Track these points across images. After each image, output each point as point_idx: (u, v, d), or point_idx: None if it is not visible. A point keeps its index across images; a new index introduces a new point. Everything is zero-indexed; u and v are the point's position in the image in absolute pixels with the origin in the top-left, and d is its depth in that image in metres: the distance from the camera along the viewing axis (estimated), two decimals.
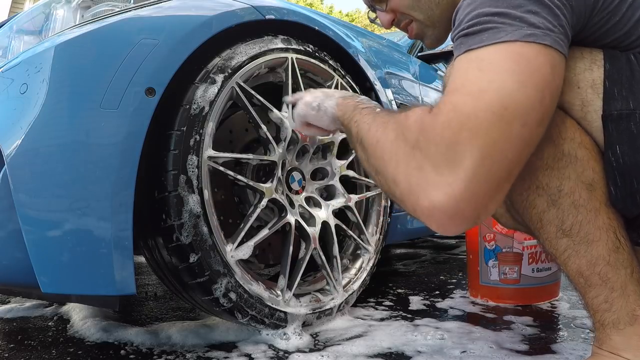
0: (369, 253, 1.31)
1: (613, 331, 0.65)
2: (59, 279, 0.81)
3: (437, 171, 0.54)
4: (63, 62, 0.85)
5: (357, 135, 0.70)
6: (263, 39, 1.10)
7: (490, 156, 0.53)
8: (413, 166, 0.57)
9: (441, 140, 0.54)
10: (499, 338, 1.01)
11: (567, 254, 0.66)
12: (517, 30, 0.55)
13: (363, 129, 0.68)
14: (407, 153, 0.58)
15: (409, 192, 0.58)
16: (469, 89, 0.56)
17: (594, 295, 0.65)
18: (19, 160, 0.81)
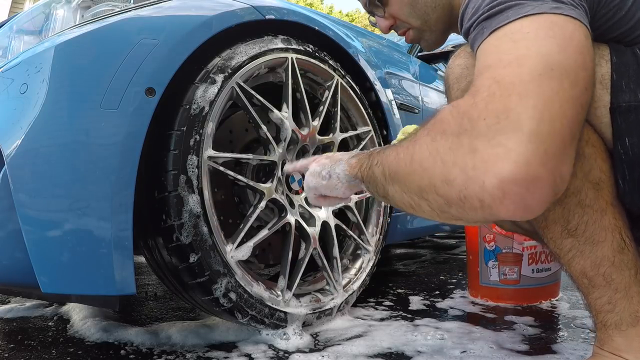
0: (369, 253, 1.31)
1: (615, 332, 0.64)
2: (59, 279, 0.81)
3: (494, 143, 0.48)
4: (63, 62, 0.84)
5: (384, 172, 0.63)
6: (263, 39, 1.10)
7: (549, 111, 0.48)
8: (464, 152, 0.50)
9: (490, 113, 0.49)
10: (499, 338, 1.01)
11: (571, 254, 0.65)
12: (543, 4, 0.54)
13: (390, 162, 0.62)
14: (452, 144, 0.52)
15: (469, 183, 0.50)
16: (506, 59, 0.52)
17: (597, 296, 0.65)
18: (19, 160, 0.81)
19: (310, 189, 0.81)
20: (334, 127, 1.26)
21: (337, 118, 1.26)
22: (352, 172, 0.72)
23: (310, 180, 0.79)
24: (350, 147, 1.34)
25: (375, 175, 0.65)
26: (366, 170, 0.68)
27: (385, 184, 0.63)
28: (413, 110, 1.71)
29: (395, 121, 1.48)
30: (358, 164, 0.71)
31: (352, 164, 0.72)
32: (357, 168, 0.71)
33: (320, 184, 0.77)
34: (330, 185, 0.76)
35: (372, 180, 0.66)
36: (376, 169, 0.65)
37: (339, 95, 1.27)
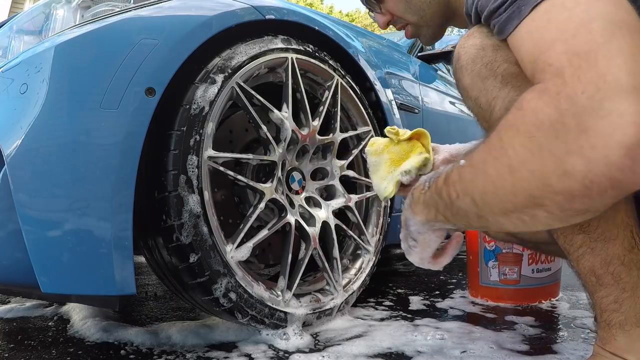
0: (369, 253, 1.31)
1: (619, 332, 0.64)
2: (59, 279, 0.81)
3: (604, 113, 0.44)
4: (63, 62, 0.84)
5: (475, 201, 0.55)
6: (263, 39, 1.10)
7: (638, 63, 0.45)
8: (574, 135, 0.45)
9: (587, 85, 0.45)
10: (499, 338, 1.01)
11: (581, 250, 0.64)
12: None
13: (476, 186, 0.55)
14: (557, 133, 0.47)
15: (592, 166, 0.45)
16: (571, 29, 0.49)
17: (603, 295, 0.64)
18: (19, 160, 0.81)
19: (420, 264, 0.73)
20: (334, 127, 1.26)
21: (337, 118, 1.26)
22: (429, 218, 0.65)
23: (413, 259, 0.73)
24: (350, 147, 1.34)
25: (463, 208, 0.58)
26: (447, 210, 0.61)
27: (479, 212, 0.56)
28: (413, 110, 1.71)
29: (395, 121, 1.48)
30: (428, 208, 0.64)
31: (419, 211, 0.65)
32: (431, 212, 0.63)
33: (416, 253, 0.71)
34: (424, 246, 0.69)
35: (458, 216, 0.60)
36: (461, 202, 0.58)
37: (339, 95, 1.27)
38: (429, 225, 0.66)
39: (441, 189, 0.61)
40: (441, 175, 0.62)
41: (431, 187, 0.63)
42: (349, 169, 1.32)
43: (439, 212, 0.62)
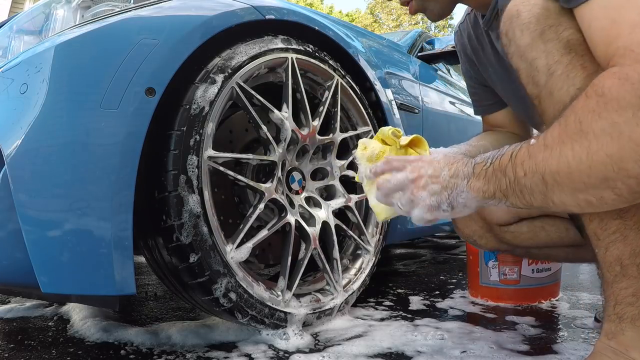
0: (369, 253, 1.31)
1: (629, 326, 0.63)
2: (59, 279, 0.81)
3: None
4: (63, 62, 0.84)
5: (545, 180, 0.56)
6: (263, 39, 1.10)
7: None
8: None
9: None
10: (499, 338, 1.01)
11: (614, 237, 0.63)
12: None
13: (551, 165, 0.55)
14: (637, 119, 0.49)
15: None
16: None
17: (624, 286, 0.63)
18: (19, 160, 0.81)
19: (421, 220, 0.70)
20: (334, 127, 1.26)
21: (337, 118, 1.26)
22: (486, 195, 0.63)
23: (425, 215, 0.68)
24: (350, 147, 1.34)
25: (528, 187, 0.58)
26: (509, 188, 0.60)
27: (546, 192, 0.57)
28: (413, 110, 1.71)
29: (395, 121, 1.48)
30: (488, 185, 0.62)
31: (478, 187, 0.63)
32: (490, 190, 0.62)
33: (440, 215, 0.68)
34: (454, 214, 0.68)
35: (520, 195, 0.60)
36: (527, 180, 0.58)
37: (339, 95, 1.27)
38: (481, 202, 0.65)
39: (506, 166, 0.60)
40: (505, 153, 0.61)
41: (494, 164, 0.62)
42: (349, 169, 1.32)
43: (499, 190, 0.61)
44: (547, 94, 0.63)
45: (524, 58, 0.66)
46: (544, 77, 0.63)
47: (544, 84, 0.63)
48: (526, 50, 0.65)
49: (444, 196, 0.66)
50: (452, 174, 0.66)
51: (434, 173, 0.67)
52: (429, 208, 0.67)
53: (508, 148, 0.62)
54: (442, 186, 0.66)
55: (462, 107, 2.34)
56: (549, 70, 0.62)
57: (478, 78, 1.10)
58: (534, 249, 1.03)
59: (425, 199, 0.67)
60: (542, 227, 0.97)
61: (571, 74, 0.60)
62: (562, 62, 0.61)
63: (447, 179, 0.66)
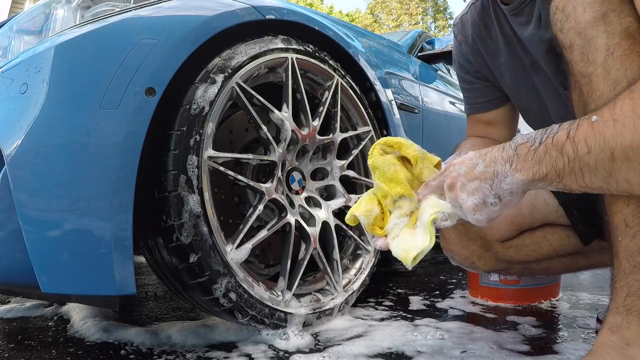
0: (369, 253, 1.31)
1: (636, 320, 0.63)
2: (59, 279, 0.81)
3: None
4: (63, 62, 0.84)
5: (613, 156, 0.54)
6: (263, 39, 1.10)
7: None
8: None
9: None
10: (499, 338, 1.01)
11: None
12: None
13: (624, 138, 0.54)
14: None
15: None
16: None
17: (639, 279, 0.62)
18: (19, 160, 0.81)
19: (480, 221, 0.66)
20: (334, 127, 1.26)
21: (337, 118, 1.26)
22: (536, 177, 0.60)
23: (478, 216, 0.65)
24: (350, 147, 1.34)
25: (592, 164, 0.56)
26: (567, 167, 0.58)
27: (613, 169, 0.55)
28: (413, 110, 1.71)
29: (395, 121, 1.48)
30: (538, 164, 0.60)
31: (526, 168, 0.61)
32: (542, 170, 0.60)
33: (491, 211, 0.64)
34: (504, 205, 0.64)
35: (581, 173, 0.57)
36: (592, 157, 0.56)
37: (339, 96, 1.27)
38: (529, 185, 0.62)
39: (564, 144, 0.58)
40: (560, 131, 0.59)
41: (545, 142, 0.59)
42: (349, 169, 1.32)
43: (554, 169, 0.59)
44: (604, 72, 0.62)
45: (582, 34, 0.64)
46: (601, 56, 0.62)
47: (602, 62, 0.62)
48: (587, 27, 0.64)
49: (486, 189, 0.63)
50: (488, 163, 0.64)
51: (468, 170, 0.65)
52: (474, 208, 0.64)
53: (557, 127, 0.60)
54: (480, 180, 0.64)
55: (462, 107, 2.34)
56: (609, 50, 0.61)
57: (481, 70, 1.08)
58: (534, 264, 1.02)
59: (467, 200, 0.64)
60: (544, 237, 0.96)
61: (630, 58, 0.60)
62: (622, 45, 0.61)
63: (483, 170, 0.64)
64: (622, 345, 0.63)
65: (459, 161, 0.68)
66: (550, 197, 0.93)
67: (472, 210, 0.65)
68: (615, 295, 0.65)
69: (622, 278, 0.64)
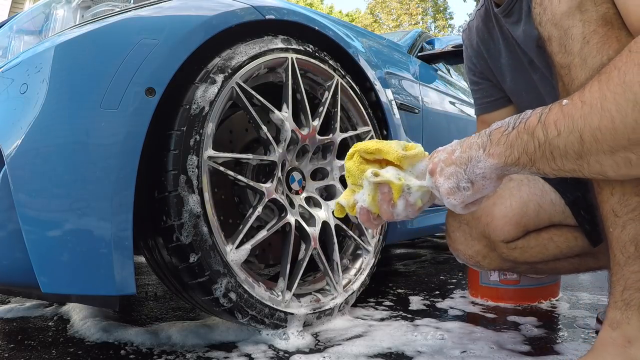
0: (369, 253, 1.31)
1: (635, 314, 0.62)
2: (59, 279, 0.81)
3: None
4: (63, 62, 0.84)
5: (582, 139, 0.54)
6: (263, 39, 1.10)
7: None
8: None
9: None
10: (499, 338, 1.01)
11: (633, 214, 0.62)
12: None
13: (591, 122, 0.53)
14: None
15: None
16: None
17: (635, 270, 0.62)
18: (19, 160, 0.81)
19: (455, 206, 0.68)
20: (334, 127, 1.26)
21: (337, 118, 1.26)
22: (508, 161, 0.61)
23: (452, 200, 0.66)
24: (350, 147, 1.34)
25: (562, 147, 0.56)
26: (538, 150, 0.58)
27: (582, 152, 0.55)
28: (413, 110, 1.71)
29: (395, 121, 1.48)
30: (510, 148, 0.60)
31: (499, 152, 0.61)
32: (514, 154, 0.60)
33: (465, 196, 0.65)
34: (477, 190, 0.65)
35: (550, 157, 0.57)
36: (561, 140, 0.56)
37: (339, 96, 1.27)
38: (502, 170, 0.62)
39: (535, 127, 0.58)
40: (532, 115, 0.59)
41: (517, 127, 0.60)
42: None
43: (525, 153, 0.59)
44: (581, 61, 0.62)
45: (558, 26, 0.65)
46: (578, 45, 0.62)
47: (578, 52, 0.62)
48: (562, 18, 0.64)
49: (460, 173, 0.64)
50: (465, 149, 0.65)
51: (447, 156, 0.66)
52: (448, 191, 0.65)
53: (532, 111, 0.60)
54: (456, 165, 0.64)
55: (462, 107, 2.34)
56: (585, 39, 0.62)
57: (484, 72, 1.10)
58: (541, 264, 1.01)
59: (443, 184, 0.66)
60: (550, 239, 0.95)
61: (606, 45, 0.59)
62: (598, 32, 0.60)
63: (459, 155, 0.65)
64: (623, 343, 0.62)
65: (442, 149, 0.69)
66: (557, 197, 0.92)
67: (446, 194, 0.66)
68: (613, 289, 0.65)
69: (618, 271, 0.64)
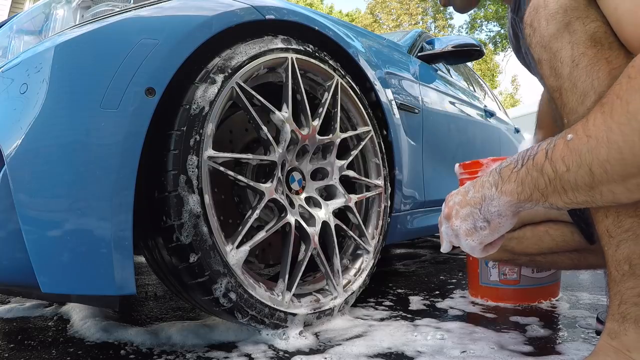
0: (369, 253, 1.31)
1: (632, 327, 0.63)
2: (59, 279, 0.81)
3: None
4: (63, 62, 0.84)
5: (592, 172, 0.54)
6: (263, 39, 1.10)
7: None
8: None
9: None
10: (499, 338, 1.01)
11: (626, 235, 0.62)
12: None
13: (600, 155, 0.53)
14: None
15: None
16: None
17: (631, 286, 0.62)
18: (19, 160, 0.81)
19: (474, 248, 0.69)
20: (334, 127, 1.26)
21: (337, 118, 1.26)
22: (521, 197, 0.62)
23: (470, 241, 0.68)
24: (350, 147, 1.34)
25: (572, 182, 0.57)
26: (549, 186, 0.59)
27: (593, 183, 0.56)
28: (413, 110, 1.71)
29: (395, 121, 1.49)
30: (521, 185, 0.61)
31: (510, 190, 0.62)
32: (526, 191, 0.61)
33: (482, 236, 0.66)
34: (494, 229, 0.66)
35: (562, 192, 0.58)
36: (571, 175, 0.56)
37: (339, 96, 1.27)
38: (516, 207, 0.62)
39: (543, 165, 0.59)
40: (538, 152, 0.60)
41: (526, 164, 0.60)
42: (349, 169, 1.32)
43: (537, 190, 0.60)
44: (571, 85, 0.62)
45: (547, 48, 0.64)
46: (567, 69, 0.62)
47: (568, 75, 0.62)
48: (551, 40, 0.63)
49: (476, 213, 0.65)
50: (477, 188, 0.66)
51: (462, 198, 0.67)
52: (466, 233, 0.66)
53: (537, 147, 0.60)
54: (471, 205, 0.65)
55: (462, 107, 2.34)
56: (574, 62, 0.61)
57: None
58: (539, 256, 1.01)
59: (460, 226, 0.67)
60: (546, 232, 0.96)
61: (595, 67, 0.59)
62: (587, 54, 0.60)
63: (473, 195, 0.66)
64: (624, 350, 0.63)
65: (454, 192, 0.70)
66: None
67: (464, 235, 0.67)
68: (611, 302, 0.66)
69: (614, 287, 0.65)
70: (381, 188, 1.38)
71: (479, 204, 0.65)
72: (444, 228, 0.73)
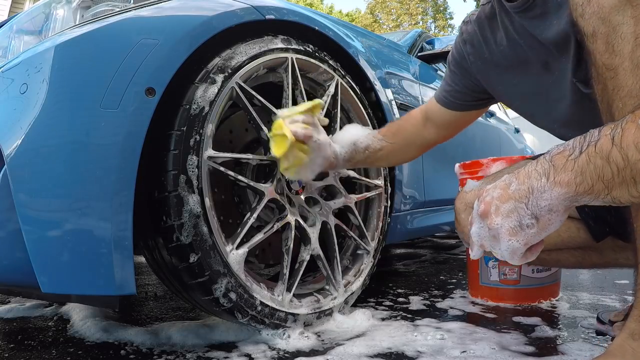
0: (369, 253, 1.31)
1: None
2: (59, 279, 0.81)
3: None
4: (63, 62, 0.84)
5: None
6: (263, 39, 1.10)
7: None
8: None
9: None
10: (500, 338, 1.01)
11: None
12: None
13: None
14: None
15: None
16: None
17: None
18: (19, 160, 0.81)
19: (516, 251, 0.58)
20: (334, 127, 1.26)
21: (337, 118, 1.26)
22: (579, 189, 0.53)
23: (514, 242, 0.58)
24: None
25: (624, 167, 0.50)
26: (617, 177, 0.51)
27: None
28: None
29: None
30: (581, 175, 0.53)
31: (567, 180, 0.53)
32: (587, 181, 0.53)
33: (528, 235, 0.57)
34: (542, 227, 0.57)
35: (634, 182, 0.51)
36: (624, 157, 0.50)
37: (339, 96, 1.27)
38: (571, 200, 0.54)
39: (609, 151, 0.51)
40: (601, 138, 0.52)
41: (586, 151, 0.52)
42: (348, 169, 1.31)
43: (601, 181, 0.52)
44: (631, 66, 0.55)
45: (606, 21, 0.57)
46: (629, 46, 0.55)
47: (629, 54, 0.55)
48: (611, 12, 0.56)
49: (522, 209, 0.56)
50: (522, 179, 0.57)
51: (502, 192, 0.58)
52: (510, 232, 0.57)
53: (597, 132, 0.53)
54: (515, 199, 0.56)
55: None
56: (637, 40, 0.55)
57: (472, 74, 1.02)
58: (543, 254, 1.00)
59: (502, 225, 0.57)
60: None
61: None
62: None
63: (517, 188, 0.57)
64: None
65: (490, 186, 0.61)
66: None
67: (507, 236, 0.57)
68: (638, 302, 0.62)
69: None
70: (381, 188, 1.38)
71: (525, 198, 0.56)
72: (476, 228, 0.62)
